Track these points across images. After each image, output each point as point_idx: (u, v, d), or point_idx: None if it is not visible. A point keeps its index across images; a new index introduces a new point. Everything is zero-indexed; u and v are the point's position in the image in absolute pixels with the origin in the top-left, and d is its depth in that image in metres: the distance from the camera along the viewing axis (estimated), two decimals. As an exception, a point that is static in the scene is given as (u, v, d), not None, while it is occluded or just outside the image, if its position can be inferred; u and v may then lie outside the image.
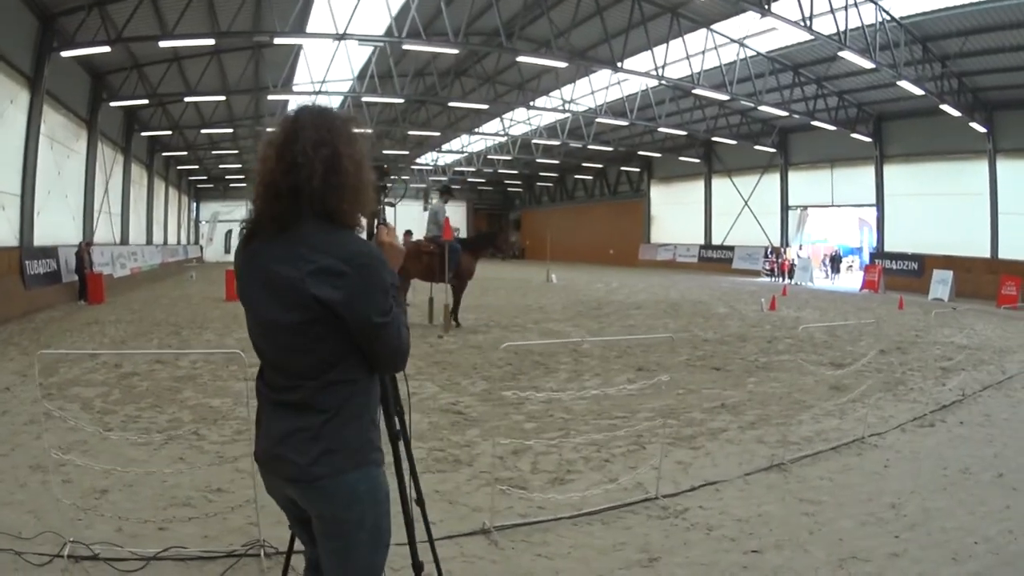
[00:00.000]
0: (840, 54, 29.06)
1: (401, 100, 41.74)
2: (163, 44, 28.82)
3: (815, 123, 41.59)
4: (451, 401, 11.33)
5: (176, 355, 14.18)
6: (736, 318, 24.50)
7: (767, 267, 49.79)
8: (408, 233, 27.06)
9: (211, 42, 29.47)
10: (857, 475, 8.19)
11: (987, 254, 37.73)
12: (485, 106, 44.33)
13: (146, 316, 23.01)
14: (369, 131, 48.21)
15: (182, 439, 8.97)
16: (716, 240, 59.17)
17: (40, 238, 27.95)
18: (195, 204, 79.01)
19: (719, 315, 25.36)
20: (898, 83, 31.42)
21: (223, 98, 41.79)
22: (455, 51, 32.53)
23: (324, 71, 37.80)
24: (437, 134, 56.31)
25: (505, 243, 22.97)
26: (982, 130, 36.98)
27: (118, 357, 14.26)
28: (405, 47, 31.85)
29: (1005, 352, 17.96)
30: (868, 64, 29.61)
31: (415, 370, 13.17)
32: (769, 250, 51.09)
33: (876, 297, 36.24)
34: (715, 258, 58.01)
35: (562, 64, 34.03)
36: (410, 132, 55.25)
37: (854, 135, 42.81)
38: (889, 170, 44.36)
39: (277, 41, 29.06)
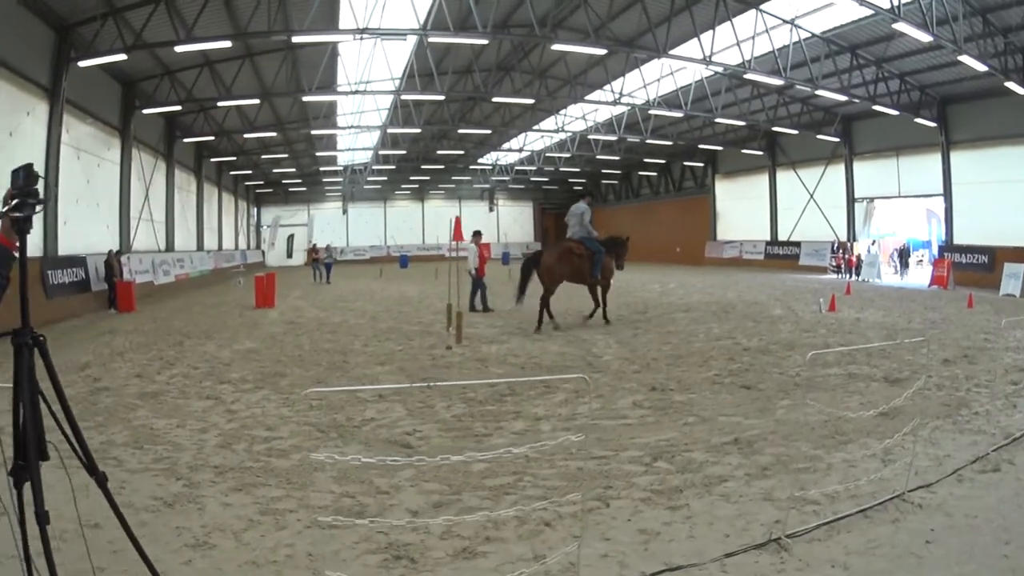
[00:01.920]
0: (895, 26, 27.24)
1: (442, 97, 40.62)
2: (180, 49, 28.27)
3: (877, 108, 39.65)
4: (408, 430, 10.11)
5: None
6: (790, 321, 22.74)
7: (834, 263, 48.69)
8: (477, 234, 26.75)
9: (228, 44, 29.20)
10: (886, 557, 6.17)
11: None
12: (530, 100, 43.81)
13: (164, 325, 23.14)
14: (418, 130, 49.19)
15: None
16: (782, 236, 57.69)
17: (69, 247, 28.40)
18: (256, 209, 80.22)
19: (772, 318, 23.67)
20: (959, 58, 29.65)
21: (256, 101, 41.01)
22: (484, 41, 31.40)
23: (362, 71, 37.52)
24: (488, 132, 55.80)
25: (624, 255, 22.94)
26: None
27: (102, 371, 14.67)
28: (433, 39, 31.50)
29: None
30: (926, 37, 27.77)
31: (388, 392, 12.15)
32: (836, 245, 49.94)
33: (945, 294, 33.92)
34: (781, 255, 56.39)
35: (601, 51, 33.22)
36: (460, 131, 55.04)
37: (918, 120, 40.87)
38: (956, 157, 42.16)
39: (297, 39, 29.10)
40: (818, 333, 19.94)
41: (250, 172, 67.08)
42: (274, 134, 51.98)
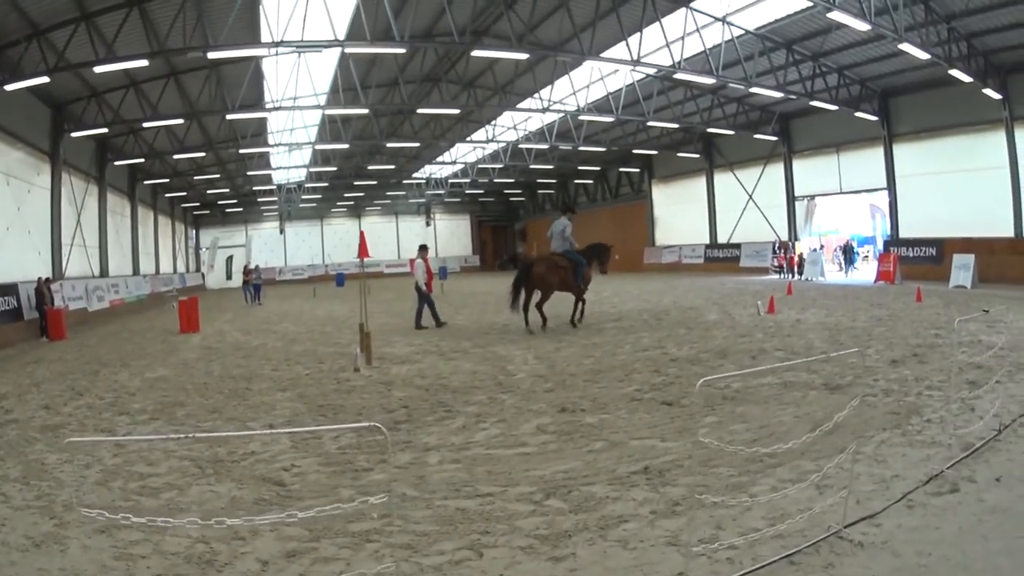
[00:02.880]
0: (831, 16, 26.00)
1: (366, 111, 39.82)
2: (99, 69, 27.24)
3: (815, 103, 38.91)
4: (286, 465, 9.20)
5: None
6: (725, 327, 21.50)
7: (776, 263, 47.53)
8: (424, 248, 26.41)
9: (145, 63, 28.13)
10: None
11: (1011, 233, 34.77)
12: (456, 111, 43.04)
13: (88, 353, 22.58)
14: (346, 146, 48.52)
15: None
16: (722, 238, 56.96)
17: (0, 275, 27.76)
18: (194, 231, 79.38)
19: (706, 324, 22.46)
20: (901, 47, 28.55)
21: (180, 121, 39.44)
22: (402, 50, 30.92)
23: (283, 88, 36.93)
24: (416, 145, 54.75)
25: (607, 260, 23.99)
26: (997, 97, 34.00)
27: (15, 402, 14.41)
28: (351, 50, 30.90)
29: None
30: (863, 26, 26.64)
31: (285, 419, 11.83)
32: (777, 245, 48.81)
33: (892, 289, 33.06)
34: (721, 257, 55.64)
35: (523, 56, 31.86)
36: (389, 144, 53.93)
37: (859, 114, 40.03)
38: (899, 150, 41.43)
39: (214, 55, 27.56)
40: (754, 338, 18.74)
41: (185, 194, 66.42)
42: (203, 154, 50.80)
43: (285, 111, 40.21)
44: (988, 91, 33.41)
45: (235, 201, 75.11)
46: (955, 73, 31.30)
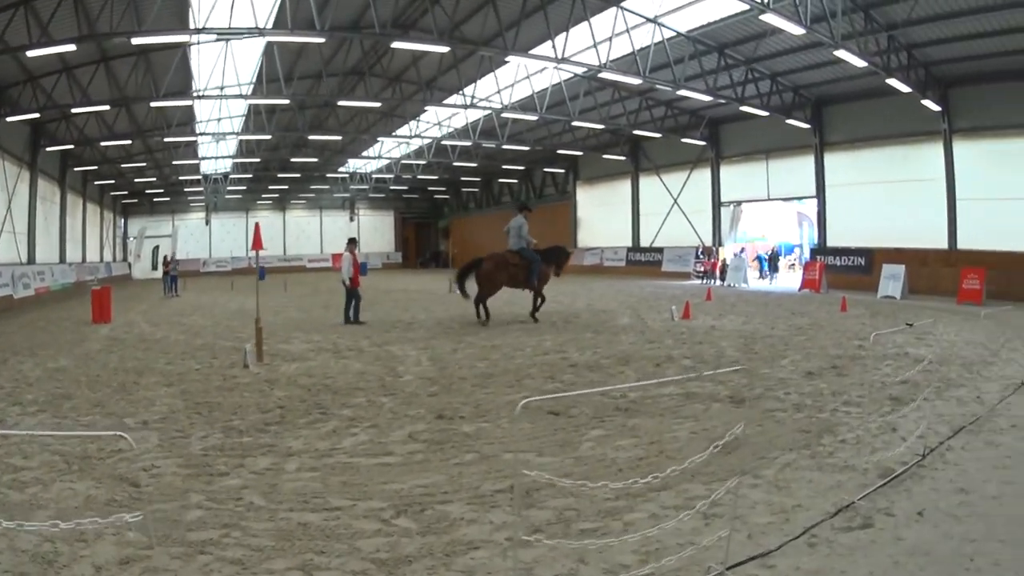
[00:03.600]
0: (764, 18, 24.67)
1: (287, 101, 37.99)
2: (32, 53, 26.00)
3: (745, 109, 37.77)
4: (147, 465, 8.51)
5: None
6: (635, 331, 20.43)
7: (698, 268, 46.35)
8: (352, 242, 25.59)
9: (72, 48, 26.38)
10: None
11: (945, 244, 34.07)
12: (377, 104, 41.84)
13: (4, 341, 21.45)
14: (268, 137, 47.33)
15: None
16: (644, 242, 55.64)
17: None
18: (123, 220, 77.42)
19: (616, 328, 21.44)
20: (837, 54, 27.49)
21: (107, 107, 37.62)
22: (321, 40, 28.76)
23: (208, 76, 35.80)
24: (338, 138, 53.16)
25: (565, 262, 24.62)
26: (936, 109, 33.20)
27: None
28: (272, 38, 29.95)
29: (977, 366, 14.05)
30: (798, 30, 25.44)
31: (161, 416, 11.10)
32: (700, 250, 47.66)
33: (817, 298, 32.73)
34: (644, 261, 54.19)
35: (444, 49, 30.65)
36: (311, 137, 52.14)
37: (791, 121, 39.09)
38: (831, 158, 40.56)
39: (139, 41, 25.88)
40: (663, 344, 17.77)
41: (114, 182, 64.39)
42: (129, 142, 48.73)
43: (210, 100, 38.92)
44: (927, 103, 32.74)
45: (162, 190, 73.32)
46: (893, 83, 30.52)
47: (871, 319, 22.83)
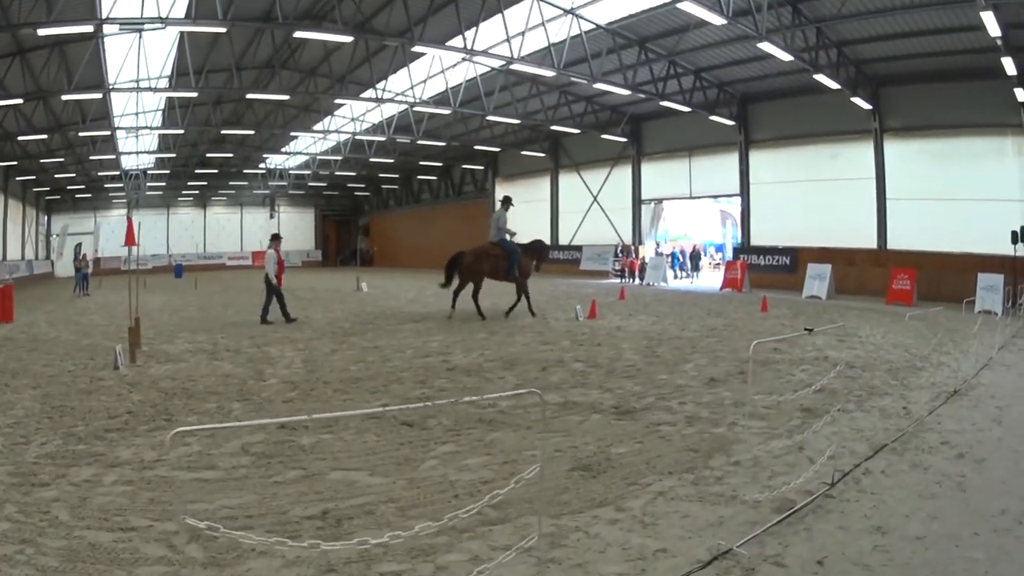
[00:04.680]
0: (682, 6, 23.75)
1: (195, 94, 36.64)
2: None
3: (668, 105, 36.83)
4: None
5: None
6: (533, 332, 19.19)
7: (617, 267, 45.34)
8: (276, 238, 24.21)
9: None
10: None
11: (874, 244, 33.49)
12: (285, 96, 39.75)
13: None
14: (180, 131, 46.32)
15: None
16: (564, 240, 54.56)
17: None
18: (46, 217, 75.37)
19: (514, 327, 20.34)
20: (760, 46, 26.26)
21: (20, 101, 35.57)
22: (222, 30, 27.75)
23: (120, 68, 34.11)
24: (251, 132, 51.43)
25: (545, 257, 25.07)
26: (867, 107, 32.48)
27: None
28: (174, 28, 27.97)
29: (903, 372, 12.85)
30: (718, 20, 24.36)
31: (15, 420, 10.22)
32: (619, 248, 46.70)
33: (738, 297, 31.92)
34: (562, 259, 52.53)
35: (347, 39, 29.99)
36: (225, 132, 51.09)
37: (714, 118, 38.08)
38: (755, 156, 39.77)
39: (45, 32, 25.11)
40: (559, 346, 16.56)
41: (35, 178, 62.28)
42: (45, 136, 46.29)
43: (123, 93, 37.49)
44: (858, 101, 32.02)
45: (84, 187, 71.12)
46: (823, 80, 29.70)
47: (792, 320, 21.83)
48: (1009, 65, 24.62)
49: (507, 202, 23.68)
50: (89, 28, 26.33)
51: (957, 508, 6.07)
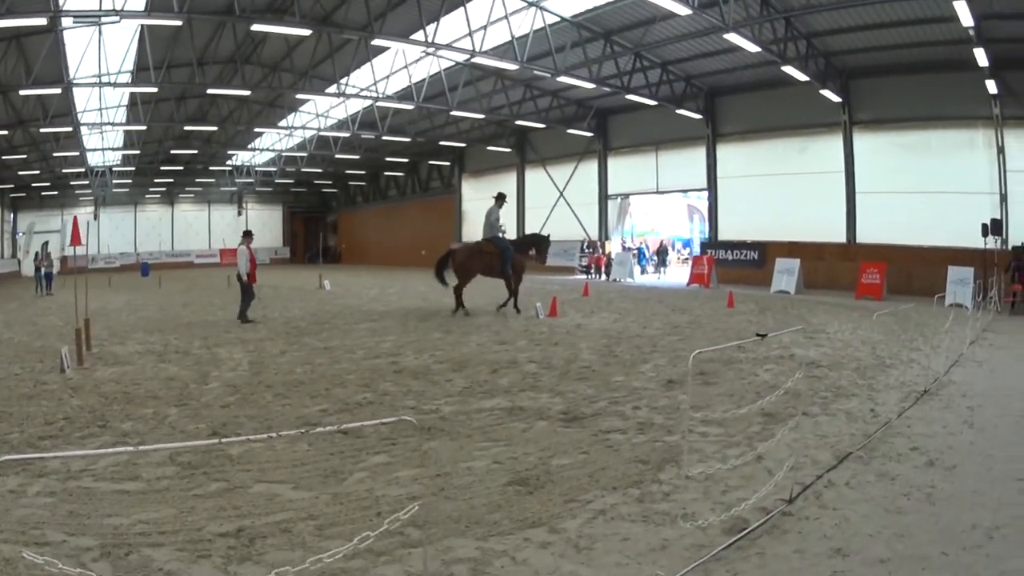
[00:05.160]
0: None
1: (155, 89, 35.43)
2: None
3: (634, 99, 36.40)
4: None
5: None
6: (490, 331, 18.69)
7: (583, 263, 45.23)
8: (248, 235, 23.72)
9: None
10: None
11: (843, 238, 33.24)
12: (246, 92, 38.81)
13: None
14: (143, 127, 45.84)
15: None
16: None
17: None
18: (12, 215, 74.48)
19: (471, 327, 19.83)
20: (727, 36, 25.94)
21: None
22: (178, 23, 27.47)
23: (79, 62, 33.33)
24: (214, 128, 50.75)
25: (546, 250, 25.09)
26: (836, 100, 32.18)
27: None
28: (129, 21, 28.00)
29: (874, 370, 12.48)
30: (683, 10, 24.14)
31: None
32: (585, 244, 46.38)
33: (705, 293, 31.51)
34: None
35: (305, 32, 29.46)
36: (187, 128, 50.06)
37: (681, 111, 37.58)
38: (723, 150, 39.39)
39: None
40: (515, 346, 16.07)
41: None
42: (5, 132, 45.33)
43: (83, 88, 36.47)
44: (827, 93, 31.69)
45: (49, 184, 70.02)
46: (791, 72, 29.32)
47: (759, 316, 21.43)
48: (981, 56, 24.35)
49: (501, 199, 23.64)
50: (43, 21, 25.70)
51: (925, 524, 5.56)
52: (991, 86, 26.27)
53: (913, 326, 17.43)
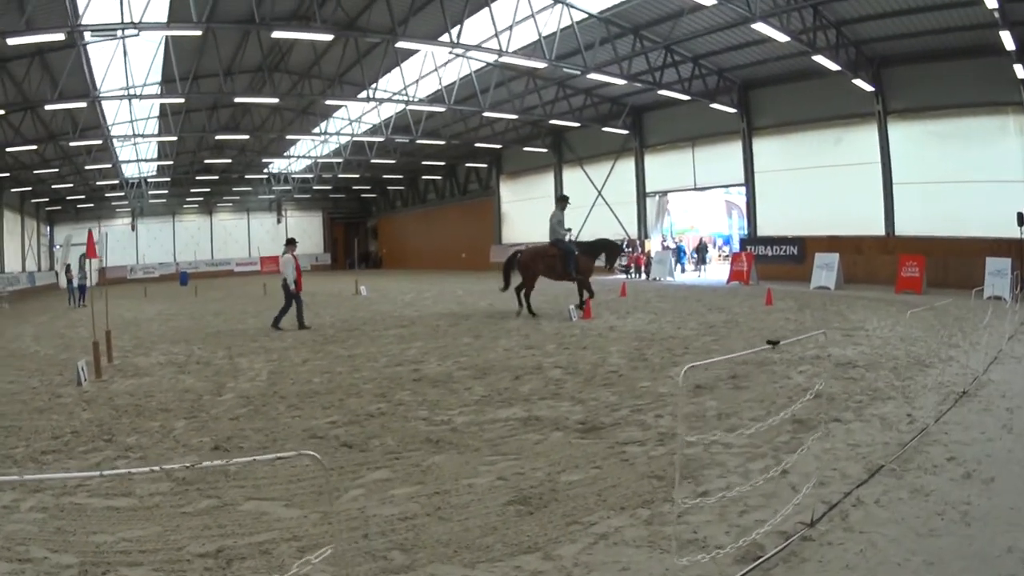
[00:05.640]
0: None
1: (182, 100, 35.76)
2: None
3: (668, 94, 36.05)
4: None
5: None
6: (519, 335, 18.30)
7: (623, 262, 44.13)
8: (291, 243, 24.04)
9: None
10: None
11: (881, 231, 32.52)
12: (274, 100, 39.44)
13: None
14: (173, 138, 45.84)
15: None
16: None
17: None
18: (48, 228, 75.15)
19: (503, 331, 19.34)
20: (755, 27, 25.44)
21: (2, 112, 35.46)
22: (197, 33, 27.43)
23: (105, 75, 33.63)
24: (245, 137, 50.98)
25: (615, 257, 25.35)
26: (869, 89, 31.48)
27: None
28: (148, 32, 27.69)
29: (911, 369, 11.86)
30: (709, 0, 23.90)
31: None
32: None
33: (744, 290, 30.88)
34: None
35: (327, 37, 30.15)
36: (218, 137, 50.14)
37: (715, 105, 37.05)
38: (759, 144, 38.77)
39: (12, 41, 24.28)
40: (543, 350, 15.58)
41: (31, 188, 61.45)
42: (35, 147, 45.25)
43: (111, 100, 36.52)
44: (859, 83, 30.95)
45: (84, 196, 70.41)
46: (822, 61, 28.74)
47: (797, 313, 20.82)
48: (1007, 39, 23.75)
49: (563, 201, 23.61)
50: (61, 36, 25.74)
51: (959, 548, 5.04)
52: (1019, 70, 25.64)
53: (952, 320, 16.89)
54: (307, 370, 14.42)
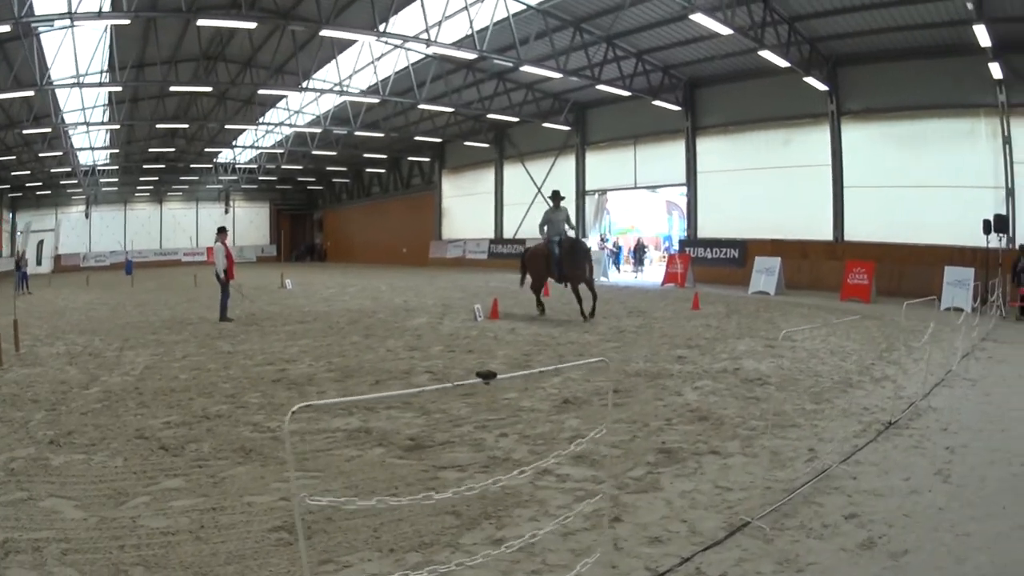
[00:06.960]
0: None
1: (119, 88, 37.08)
2: None
3: (611, 90, 35.65)
4: None
5: None
6: (411, 336, 17.46)
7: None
8: (222, 231, 23.52)
9: None
10: None
11: (830, 236, 32.15)
12: (208, 88, 39.83)
13: None
14: (116, 127, 46.62)
15: None
16: (508, 233, 53.30)
17: None
18: (11, 215, 74.93)
19: (395, 331, 18.54)
20: (692, 17, 24.66)
21: None
22: (126, 22, 26.74)
23: (52, 63, 32.91)
24: (186, 126, 51.68)
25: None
26: (822, 88, 31.12)
27: None
28: (81, 23, 28.01)
29: (833, 390, 10.75)
30: None
31: None
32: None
33: (676, 293, 30.09)
34: (505, 253, 50.28)
35: (251, 25, 29.94)
36: (160, 126, 49.89)
37: (658, 103, 36.55)
38: (704, 143, 38.27)
39: None
40: (426, 352, 14.78)
41: None
42: None
43: (60, 88, 35.89)
44: (812, 81, 30.56)
45: (42, 184, 70.70)
46: (773, 59, 28.18)
47: (722, 320, 19.98)
48: (983, 35, 22.72)
49: (556, 197, 22.98)
50: (7, 28, 25.59)
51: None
52: (995, 70, 24.91)
53: (899, 332, 15.78)
54: (180, 366, 13.88)
